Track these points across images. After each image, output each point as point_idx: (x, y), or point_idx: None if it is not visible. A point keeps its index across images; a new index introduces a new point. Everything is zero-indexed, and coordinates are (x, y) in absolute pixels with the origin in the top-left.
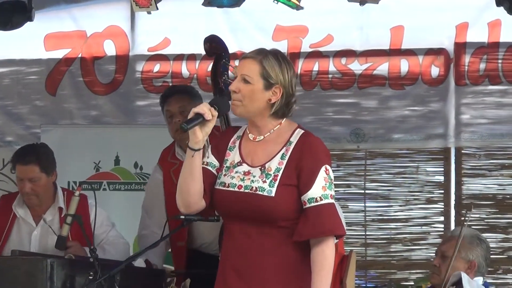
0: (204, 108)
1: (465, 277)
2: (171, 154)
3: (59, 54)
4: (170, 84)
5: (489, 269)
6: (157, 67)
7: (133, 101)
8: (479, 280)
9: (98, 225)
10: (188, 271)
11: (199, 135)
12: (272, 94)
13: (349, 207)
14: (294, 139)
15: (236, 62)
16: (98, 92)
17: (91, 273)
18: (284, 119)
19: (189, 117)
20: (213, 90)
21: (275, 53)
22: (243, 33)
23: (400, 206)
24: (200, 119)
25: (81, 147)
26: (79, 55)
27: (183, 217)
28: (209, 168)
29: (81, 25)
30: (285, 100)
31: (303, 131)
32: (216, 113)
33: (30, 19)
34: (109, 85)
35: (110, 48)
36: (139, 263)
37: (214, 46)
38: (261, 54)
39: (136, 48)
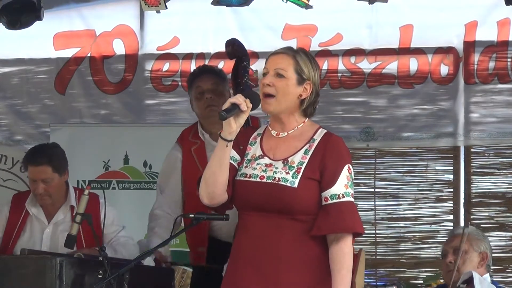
0: (240, 99)
1: (476, 276)
2: (192, 133)
3: (68, 53)
4: (180, 84)
5: (498, 267)
6: (166, 66)
7: (142, 100)
8: (487, 277)
9: (108, 223)
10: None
11: (234, 126)
12: (303, 90)
13: (359, 205)
14: (318, 137)
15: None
16: (107, 91)
17: (100, 272)
18: (307, 119)
19: (225, 107)
20: (233, 92)
21: (305, 51)
22: (252, 32)
23: (410, 204)
24: (236, 109)
25: (90, 146)
26: (88, 54)
27: (192, 215)
28: (231, 161)
29: (90, 24)
30: (314, 97)
31: (325, 130)
32: (250, 105)
33: (39, 18)
34: (118, 84)
35: (119, 47)
36: (148, 261)
37: (236, 49)
38: (292, 50)
39: (145, 47)
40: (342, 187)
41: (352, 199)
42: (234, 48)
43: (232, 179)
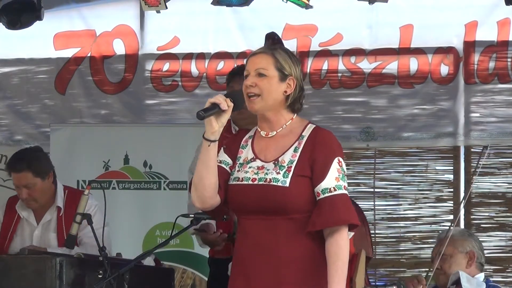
0: (220, 99)
1: (463, 276)
2: (225, 128)
3: (68, 53)
4: (180, 84)
5: (498, 267)
6: (166, 66)
7: (142, 100)
8: (480, 277)
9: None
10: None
11: (215, 126)
12: (287, 86)
13: (359, 205)
14: (306, 133)
15: (245, 62)
16: (108, 91)
17: (100, 272)
18: (295, 115)
19: (205, 106)
20: None
21: (283, 48)
22: (252, 32)
23: (410, 204)
24: (216, 109)
25: (90, 146)
26: (89, 54)
27: (192, 215)
28: (223, 165)
29: (90, 24)
30: (298, 92)
31: (314, 125)
32: (231, 104)
33: (39, 18)
34: (118, 84)
35: (119, 47)
36: (148, 261)
37: (276, 43)
38: (270, 49)
39: (145, 47)
40: (332, 181)
41: (345, 191)
42: (274, 42)
43: (225, 183)
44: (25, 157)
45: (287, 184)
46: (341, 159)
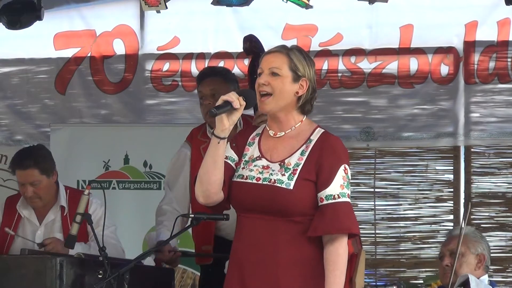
0: (233, 97)
1: (472, 279)
2: (201, 132)
3: (68, 53)
4: (180, 84)
5: (498, 267)
6: (166, 66)
7: (142, 100)
8: (485, 279)
9: (97, 219)
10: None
11: (226, 123)
12: (299, 87)
13: (359, 205)
14: (314, 137)
15: (245, 62)
16: (108, 91)
17: (101, 272)
18: (305, 118)
19: (217, 103)
20: (249, 87)
21: (299, 48)
22: (252, 32)
23: (410, 204)
24: (228, 106)
25: (90, 146)
26: (89, 54)
27: (192, 215)
28: (228, 161)
29: (90, 24)
30: (310, 94)
31: (323, 130)
32: (244, 103)
33: (39, 18)
34: (118, 84)
35: (119, 47)
36: (148, 261)
37: (253, 45)
38: (286, 48)
39: (145, 47)
40: (337, 188)
41: (348, 200)
42: (252, 45)
43: (229, 180)
44: (32, 154)
45: (291, 187)
46: (347, 167)
